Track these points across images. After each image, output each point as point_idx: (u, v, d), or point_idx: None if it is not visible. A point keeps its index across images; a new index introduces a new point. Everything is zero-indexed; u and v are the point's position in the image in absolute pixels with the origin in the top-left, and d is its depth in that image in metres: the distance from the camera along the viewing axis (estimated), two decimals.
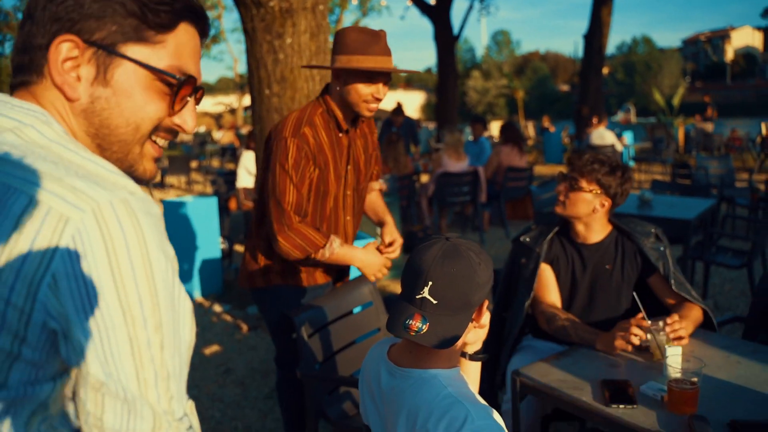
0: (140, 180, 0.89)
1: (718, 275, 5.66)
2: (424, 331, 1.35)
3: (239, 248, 7.11)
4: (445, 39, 16.77)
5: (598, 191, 2.40)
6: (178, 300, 0.77)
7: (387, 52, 2.19)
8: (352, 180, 2.43)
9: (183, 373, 0.78)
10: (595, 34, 16.40)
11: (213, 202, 5.71)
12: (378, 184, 2.68)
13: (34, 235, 0.70)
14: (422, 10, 17.14)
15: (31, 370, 0.73)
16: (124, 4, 0.80)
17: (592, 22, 16.44)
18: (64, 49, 0.79)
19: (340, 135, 2.34)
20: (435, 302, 1.35)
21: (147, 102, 0.84)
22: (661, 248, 2.47)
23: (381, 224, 2.51)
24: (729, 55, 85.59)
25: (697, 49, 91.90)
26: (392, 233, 2.43)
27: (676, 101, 20.58)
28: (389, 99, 26.85)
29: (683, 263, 4.65)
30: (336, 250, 2.29)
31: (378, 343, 1.62)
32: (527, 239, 2.57)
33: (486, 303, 1.46)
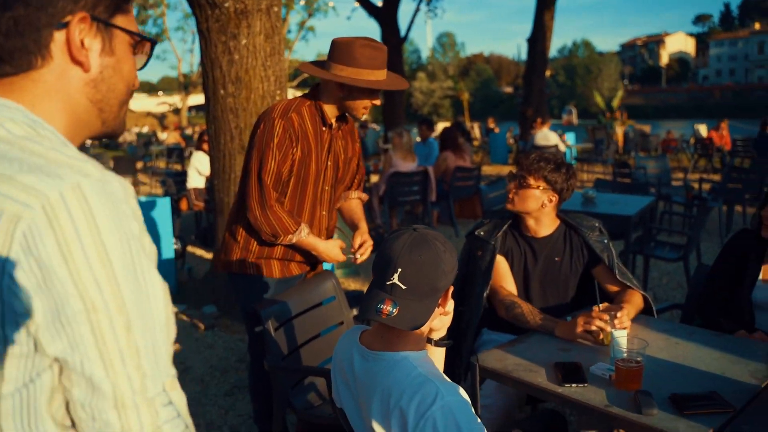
0: (116, 135, 0.99)
1: (657, 268, 5.95)
2: (395, 314, 1.45)
3: (192, 249, 7.07)
4: (392, 41, 16.91)
5: (545, 187, 2.55)
6: (144, 277, 0.79)
7: (386, 64, 2.44)
8: (331, 176, 2.59)
9: (158, 350, 0.80)
10: (538, 38, 16.79)
11: (166, 203, 5.67)
12: (359, 194, 2.81)
13: None
14: (369, 12, 17.26)
15: (27, 363, 0.77)
16: None
17: (535, 26, 16.81)
18: (80, 26, 0.85)
19: (324, 129, 2.51)
20: (404, 287, 1.45)
21: (132, 64, 0.95)
22: (605, 241, 2.65)
23: (355, 229, 2.63)
24: (664, 59, 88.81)
25: (635, 53, 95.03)
26: (363, 235, 2.56)
27: (615, 103, 21.31)
28: None
29: (625, 257, 4.89)
30: (303, 237, 2.48)
31: (349, 331, 1.71)
32: (482, 233, 2.69)
33: (451, 289, 1.57)
